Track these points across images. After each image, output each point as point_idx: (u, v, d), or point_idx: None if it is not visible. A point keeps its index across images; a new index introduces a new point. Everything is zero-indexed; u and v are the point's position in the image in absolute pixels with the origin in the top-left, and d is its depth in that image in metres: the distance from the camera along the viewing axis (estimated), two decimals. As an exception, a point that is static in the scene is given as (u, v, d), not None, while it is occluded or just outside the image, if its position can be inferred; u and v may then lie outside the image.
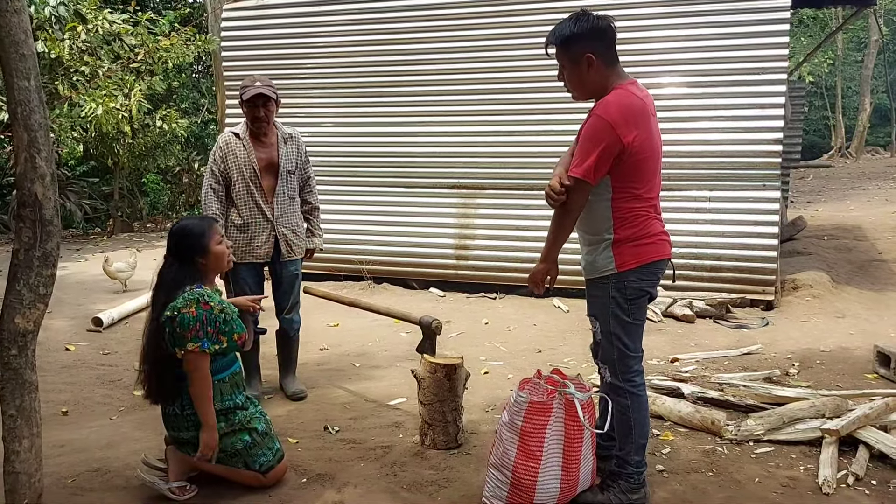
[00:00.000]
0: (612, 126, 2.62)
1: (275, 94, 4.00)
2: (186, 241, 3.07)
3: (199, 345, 2.89)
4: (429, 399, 3.44)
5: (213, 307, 2.96)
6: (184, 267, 3.05)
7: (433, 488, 3.07)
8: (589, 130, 2.69)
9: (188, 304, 2.92)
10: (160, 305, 3.00)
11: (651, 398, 3.91)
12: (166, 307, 2.96)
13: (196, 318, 2.89)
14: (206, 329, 2.92)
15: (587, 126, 2.71)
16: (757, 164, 6.14)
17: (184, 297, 2.95)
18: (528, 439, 2.74)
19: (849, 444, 3.38)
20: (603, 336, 2.90)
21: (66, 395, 4.38)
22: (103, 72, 10.76)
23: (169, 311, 2.93)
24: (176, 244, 3.08)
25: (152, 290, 3.10)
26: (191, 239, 3.07)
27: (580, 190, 2.70)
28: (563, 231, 2.82)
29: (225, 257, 3.17)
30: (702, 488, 3.06)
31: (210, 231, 3.12)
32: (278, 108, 4.11)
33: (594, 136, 2.66)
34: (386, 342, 5.39)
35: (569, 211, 2.76)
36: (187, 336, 2.88)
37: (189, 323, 2.88)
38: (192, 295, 2.95)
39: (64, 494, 3.02)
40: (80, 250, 10.21)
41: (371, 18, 7.15)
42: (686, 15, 6.18)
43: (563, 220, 2.79)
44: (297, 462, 3.32)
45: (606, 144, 2.63)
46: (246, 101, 3.94)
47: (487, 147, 6.92)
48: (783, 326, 5.71)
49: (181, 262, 3.06)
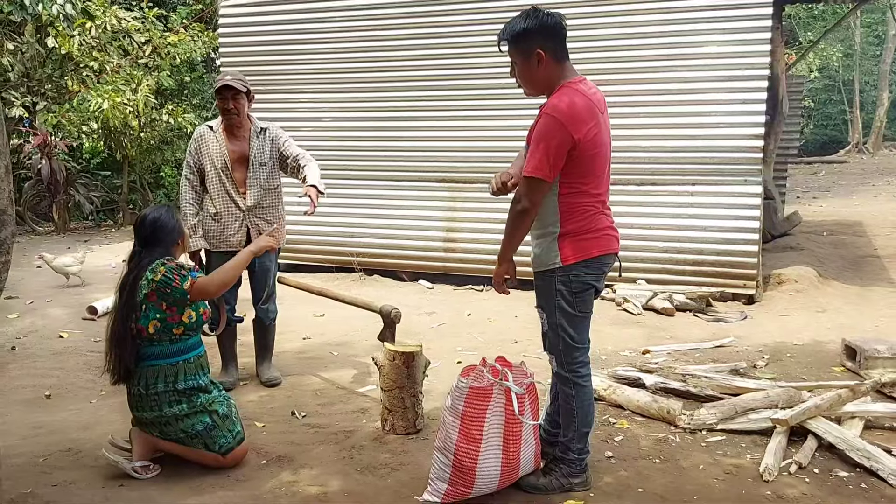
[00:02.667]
0: (562, 124, 2.69)
1: (245, 88, 4.13)
2: (164, 229, 3.25)
3: (190, 278, 3.15)
4: (388, 385, 3.56)
5: (177, 263, 3.20)
6: (154, 252, 3.22)
7: (386, 471, 3.20)
8: (541, 129, 2.75)
9: (155, 272, 3.12)
10: (130, 286, 3.16)
11: (612, 388, 4.02)
12: (137, 287, 3.11)
13: (169, 270, 3.13)
14: (181, 271, 3.15)
15: (539, 126, 2.77)
16: (738, 160, 6.17)
17: (150, 269, 3.14)
18: (468, 423, 2.84)
19: (801, 434, 3.45)
20: (549, 327, 2.99)
21: (52, 380, 4.54)
22: (111, 67, 10.99)
23: (145, 289, 3.10)
24: (153, 234, 3.24)
25: (122, 275, 3.24)
26: (167, 227, 3.26)
27: (537, 189, 2.77)
28: (520, 231, 2.89)
29: (187, 237, 3.47)
30: (646, 474, 3.16)
31: (179, 217, 3.38)
32: (251, 101, 4.23)
33: (546, 134, 2.72)
34: (367, 332, 5.49)
35: (526, 210, 2.82)
36: (176, 284, 3.10)
37: (168, 278, 3.11)
38: (154, 264, 3.15)
39: (34, 472, 3.17)
40: (87, 241, 10.43)
41: (361, 15, 7.26)
42: (668, 11, 6.22)
43: (520, 219, 2.85)
44: (260, 445, 3.46)
45: (559, 142, 2.70)
46: (216, 93, 4.08)
47: (475, 141, 7.02)
48: (761, 320, 5.76)
49: (151, 248, 3.22)
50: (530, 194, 2.78)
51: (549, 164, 2.72)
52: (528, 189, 2.78)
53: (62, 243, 10.29)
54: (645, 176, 6.46)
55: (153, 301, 3.10)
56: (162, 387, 3.12)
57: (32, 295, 6.83)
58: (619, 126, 6.22)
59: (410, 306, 6.22)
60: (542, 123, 2.75)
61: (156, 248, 3.22)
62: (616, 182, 6.25)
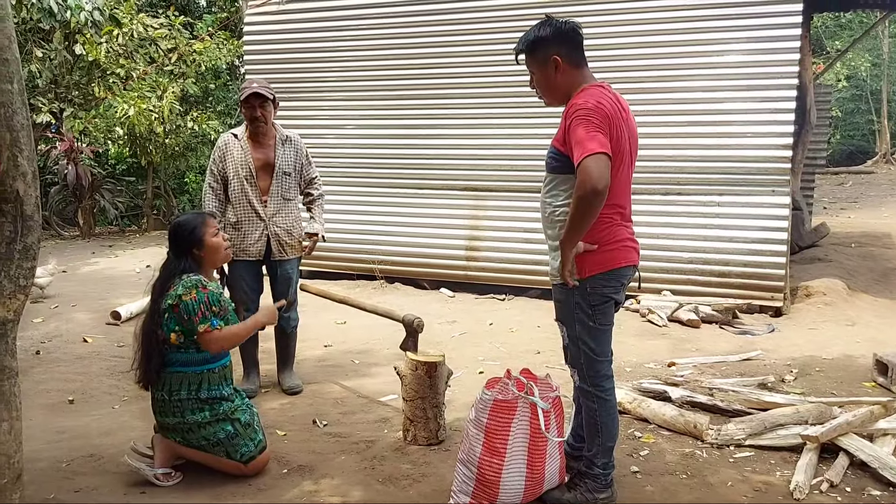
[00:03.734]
0: (595, 111, 2.59)
1: (271, 95, 4.13)
2: (182, 234, 3.24)
3: (208, 325, 3.08)
4: (410, 395, 3.53)
5: (211, 290, 3.14)
6: (181, 259, 3.21)
7: (407, 482, 3.16)
8: (576, 121, 2.61)
9: (188, 291, 3.08)
10: (157, 294, 3.17)
11: (637, 401, 3.95)
12: (164, 296, 3.11)
13: (199, 301, 3.07)
14: (212, 309, 3.10)
15: (572, 121, 2.63)
16: (766, 170, 6.09)
17: (182, 283, 3.11)
18: (492, 436, 2.80)
19: (831, 451, 3.37)
20: (570, 341, 2.93)
21: (75, 385, 4.57)
22: (137, 74, 11.10)
23: (170, 300, 3.09)
24: (173, 238, 3.25)
25: (152, 282, 3.25)
26: (186, 232, 3.23)
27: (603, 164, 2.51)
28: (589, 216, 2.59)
29: (221, 249, 3.33)
30: (672, 490, 3.09)
31: (204, 224, 3.28)
32: (276, 109, 4.23)
33: (583, 121, 2.58)
34: (389, 340, 5.47)
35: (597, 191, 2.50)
36: (196, 320, 3.05)
37: (193, 307, 3.05)
38: (190, 281, 3.11)
39: (56, 477, 3.18)
40: (112, 246, 10.52)
41: (385, 23, 7.28)
42: (696, 20, 6.16)
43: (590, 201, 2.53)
44: (281, 453, 3.44)
45: (599, 121, 2.58)
46: (242, 102, 4.08)
47: (499, 150, 6.99)
48: (789, 333, 5.66)
49: (179, 255, 3.22)
50: (598, 170, 2.49)
51: (601, 139, 2.55)
52: (594, 166, 2.50)
53: (87, 248, 10.39)
54: (671, 186, 6.39)
55: (175, 314, 3.09)
56: (185, 394, 3.11)
57: (58, 299, 6.89)
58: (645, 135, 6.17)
59: (432, 315, 6.19)
60: (577, 115, 2.62)
61: (179, 256, 3.22)
62: (642, 192, 6.27)
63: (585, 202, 2.53)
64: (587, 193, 2.51)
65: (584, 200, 2.53)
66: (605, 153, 2.53)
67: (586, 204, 2.53)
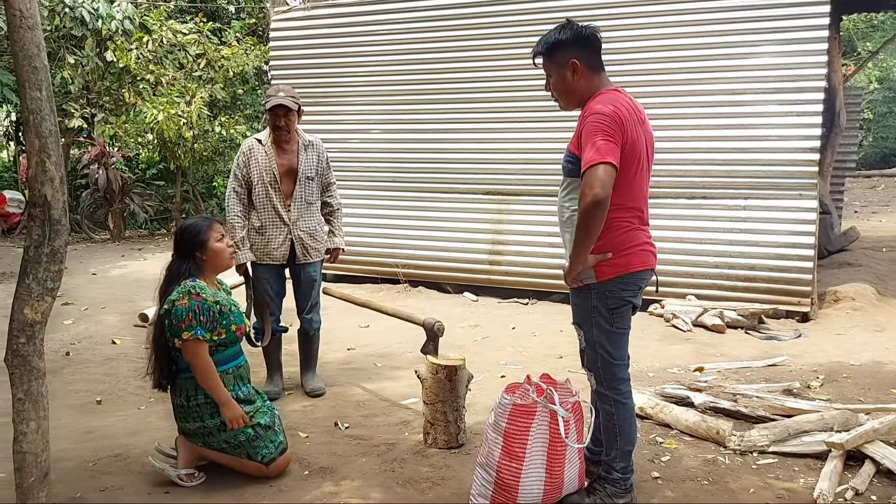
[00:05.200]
0: (611, 118, 2.61)
1: (296, 105, 4.18)
2: (186, 237, 3.27)
3: (192, 333, 3.08)
4: (431, 399, 3.54)
5: (205, 298, 3.14)
6: (182, 262, 3.25)
7: (427, 485, 3.17)
8: (591, 126, 2.63)
9: (181, 297, 3.12)
10: (161, 298, 3.22)
11: (659, 406, 3.93)
12: (165, 300, 3.16)
13: (188, 309, 3.08)
14: (199, 318, 3.09)
15: (587, 125, 2.65)
16: (793, 174, 6.02)
17: (178, 289, 3.15)
18: (511, 441, 2.80)
19: (857, 458, 3.32)
20: (587, 344, 2.93)
21: (103, 386, 4.65)
22: (167, 80, 11.27)
23: (167, 305, 3.14)
24: (177, 241, 3.29)
25: (158, 287, 3.30)
26: (189, 235, 3.27)
27: (606, 174, 2.54)
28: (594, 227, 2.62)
29: (225, 254, 3.33)
30: (694, 496, 3.07)
31: (209, 229, 3.30)
32: (300, 117, 4.28)
33: (598, 127, 2.60)
34: (411, 344, 5.49)
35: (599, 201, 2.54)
36: (182, 326, 3.07)
37: (182, 314, 3.08)
38: (185, 287, 3.15)
39: (83, 476, 3.24)
40: (141, 250, 10.69)
41: (409, 28, 7.33)
42: (723, 22, 6.11)
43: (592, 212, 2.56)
44: (303, 455, 3.47)
45: (613, 130, 2.60)
46: (269, 110, 4.13)
47: (522, 153, 6.99)
48: (816, 339, 5.58)
49: (182, 258, 3.27)
50: (600, 180, 2.52)
51: (610, 148, 2.57)
52: (595, 177, 2.53)
53: (117, 251, 10.57)
54: (696, 189, 6.34)
55: (170, 317, 3.12)
56: (202, 398, 3.15)
57: (87, 302, 7.01)
58: (669, 138, 6.21)
59: (454, 318, 6.20)
60: (590, 121, 2.64)
61: (182, 258, 3.25)
62: (666, 195, 6.24)
63: (588, 212, 2.57)
64: (589, 204, 2.55)
65: (586, 211, 2.57)
66: (610, 163, 2.55)
67: (589, 214, 2.57)
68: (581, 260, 2.72)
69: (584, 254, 2.70)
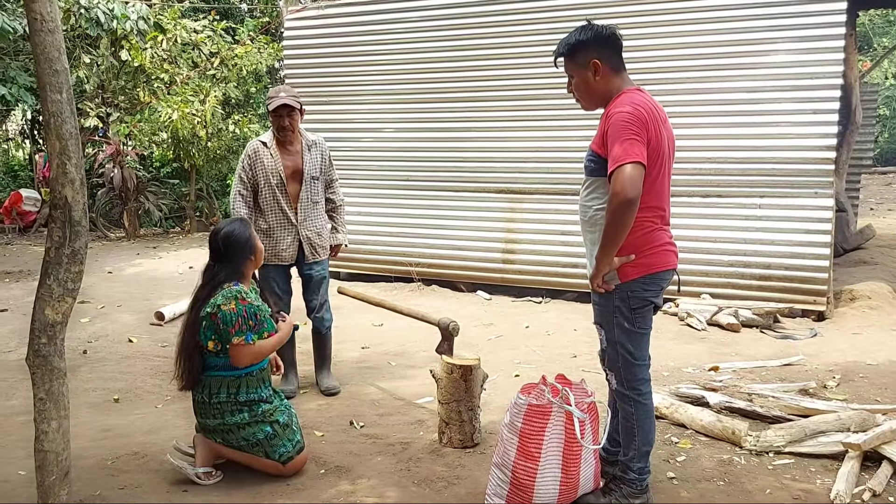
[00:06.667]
0: (636, 117, 2.62)
1: (298, 104, 4.20)
2: (234, 243, 3.29)
3: (243, 338, 3.13)
4: (446, 398, 3.56)
5: (251, 303, 3.19)
6: (226, 267, 3.27)
7: (442, 484, 3.19)
8: (616, 125, 2.63)
9: (228, 301, 3.14)
10: (201, 301, 3.23)
11: (674, 406, 3.92)
12: (206, 303, 3.18)
13: (237, 314, 3.13)
14: (249, 323, 3.15)
15: (611, 125, 2.66)
16: (809, 171, 5.98)
17: (223, 294, 3.17)
18: (526, 440, 2.81)
19: (874, 459, 3.30)
20: (608, 344, 2.93)
21: (121, 384, 4.70)
22: (181, 79, 11.34)
23: (209, 308, 3.15)
24: (225, 248, 3.28)
25: (196, 289, 3.32)
26: (239, 242, 3.30)
27: (636, 174, 2.56)
28: (623, 227, 2.64)
29: (263, 252, 3.48)
30: (709, 497, 3.07)
31: (252, 231, 3.39)
32: (303, 116, 4.31)
33: (624, 126, 2.61)
34: (425, 343, 5.51)
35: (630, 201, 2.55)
36: (231, 331, 3.11)
37: (232, 318, 3.11)
38: (231, 292, 3.17)
39: (102, 475, 3.27)
40: (156, 248, 10.75)
41: (422, 27, 7.33)
42: (738, 19, 6.07)
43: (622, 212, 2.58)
44: (319, 454, 3.49)
45: (638, 128, 2.61)
46: (271, 112, 4.15)
47: (535, 152, 6.98)
48: (832, 338, 5.55)
49: (224, 262, 3.28)
50: (630, 179, 2.53)
51: (637, 146, 2.58)
52: (625, 176, 2.54)
53: (132, 249, 10.64)
54: (711, 188, 6.32)
55: (213, 322, 3.15)
56: (224, 397, 3.18)
57: (104, 300, 7.07)
58: (685, 136, 6.17)
59: (468, 317, 6.21)
60: (615, 120, 2.64)
61: (228, 264, 3.27)
62: (681, 194, 6.20)
63: (618, 212, 2.59)
64: (619, 204, 2.56)
65: (617, 211, 2.59)
66: (639, 162, 2.56)
67: (619, 214, 2.59)
68: (608, 261, 2.73)
69: (611, 254, 2.72)
